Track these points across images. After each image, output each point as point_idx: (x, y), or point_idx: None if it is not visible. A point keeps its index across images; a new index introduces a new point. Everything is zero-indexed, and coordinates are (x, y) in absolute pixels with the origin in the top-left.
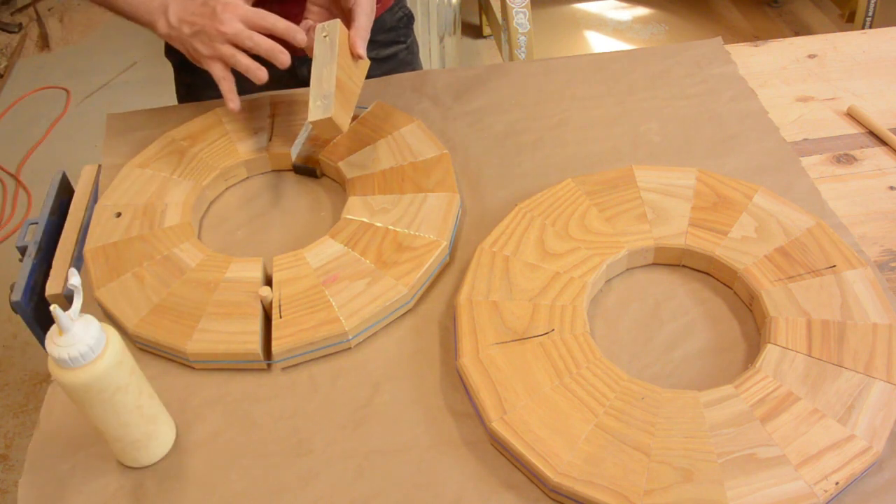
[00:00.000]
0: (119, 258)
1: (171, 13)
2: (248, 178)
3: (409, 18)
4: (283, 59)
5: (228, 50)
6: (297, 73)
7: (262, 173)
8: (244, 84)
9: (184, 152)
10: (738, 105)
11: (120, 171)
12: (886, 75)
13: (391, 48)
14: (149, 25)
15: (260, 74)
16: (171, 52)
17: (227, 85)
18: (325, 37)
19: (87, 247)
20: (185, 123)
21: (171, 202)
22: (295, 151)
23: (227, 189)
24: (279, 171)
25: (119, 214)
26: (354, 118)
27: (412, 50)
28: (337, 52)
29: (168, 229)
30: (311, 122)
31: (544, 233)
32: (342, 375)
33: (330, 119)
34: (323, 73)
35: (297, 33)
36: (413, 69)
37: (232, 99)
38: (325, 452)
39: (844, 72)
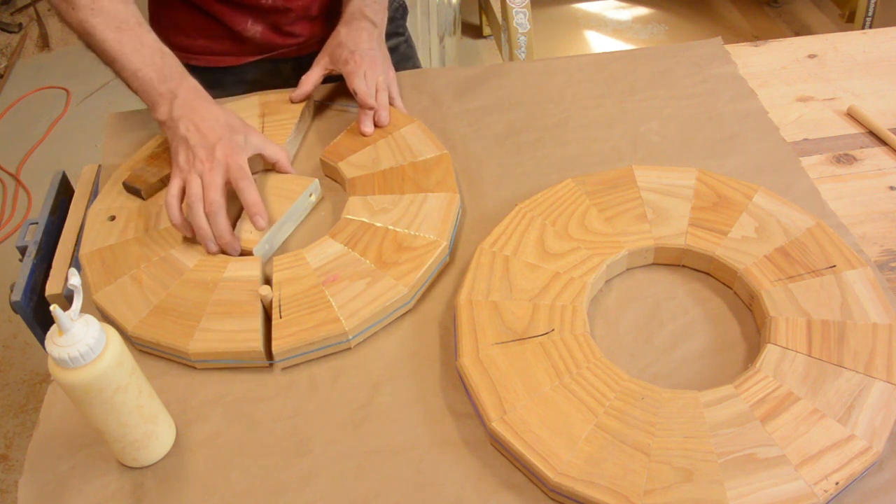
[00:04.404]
0: (116, 261)
1: (176, 105)
2: None
3: (404, 10)
4: (212, 248)
5: (197, 191)
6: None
7: (255, 173)
8: (233, 88)
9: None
10: (738, 105)
11: (112, 175)
12: (886, 75)
13: (391, 40)
14: (150, 106)
15: (210, 247)
16: None
17: (173, 205)
18: (310, 196)
19: (83, 251)
20: None
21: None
22: (290, 149)
23: None
24: (272, 170)
25: (113, 218)
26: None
27: (410, 44)
28: (306, 215)
29: (164, 231)
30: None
31: (544, 233)
32: (342, 375)
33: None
34: (285, 225)
35: (257, 218)
36: (413, 64)
37: (184, 228)
38: (325, 452)
39: (844, 72)
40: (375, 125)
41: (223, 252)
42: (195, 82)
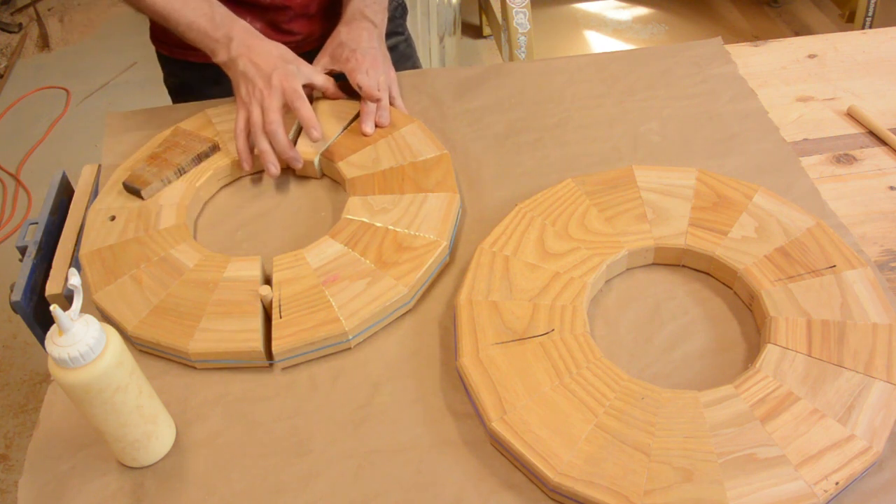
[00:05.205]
0: (116, 261)
1: (233, 47)
2: (240, 177)
3: (404, 9)
4: (273, 170)
5: (258, 119)
6: None
7: (254, 173)
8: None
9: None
10: (738, 105)
11: (112, 175)
12: (886, 75)
13: (390, 40)
14: (209, 53)
15: (271, 169)
16: (164, 45)
17: (241, 141)
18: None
19: (83, 251)
20: (175, 126)
21: (165, 204)
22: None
23: (220, 189)
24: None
25: (113, 218)
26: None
27: (410, 43)
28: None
29: (164, 231)
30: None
31: (544, 233)
32: (342, 375)
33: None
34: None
35: (312, 130)
36: (413, 63)
37: (245, 159)
38: (325, 452)
39: (844, 72)
40: (376, 125)
41: (287, 167)
42: (245, 23)
